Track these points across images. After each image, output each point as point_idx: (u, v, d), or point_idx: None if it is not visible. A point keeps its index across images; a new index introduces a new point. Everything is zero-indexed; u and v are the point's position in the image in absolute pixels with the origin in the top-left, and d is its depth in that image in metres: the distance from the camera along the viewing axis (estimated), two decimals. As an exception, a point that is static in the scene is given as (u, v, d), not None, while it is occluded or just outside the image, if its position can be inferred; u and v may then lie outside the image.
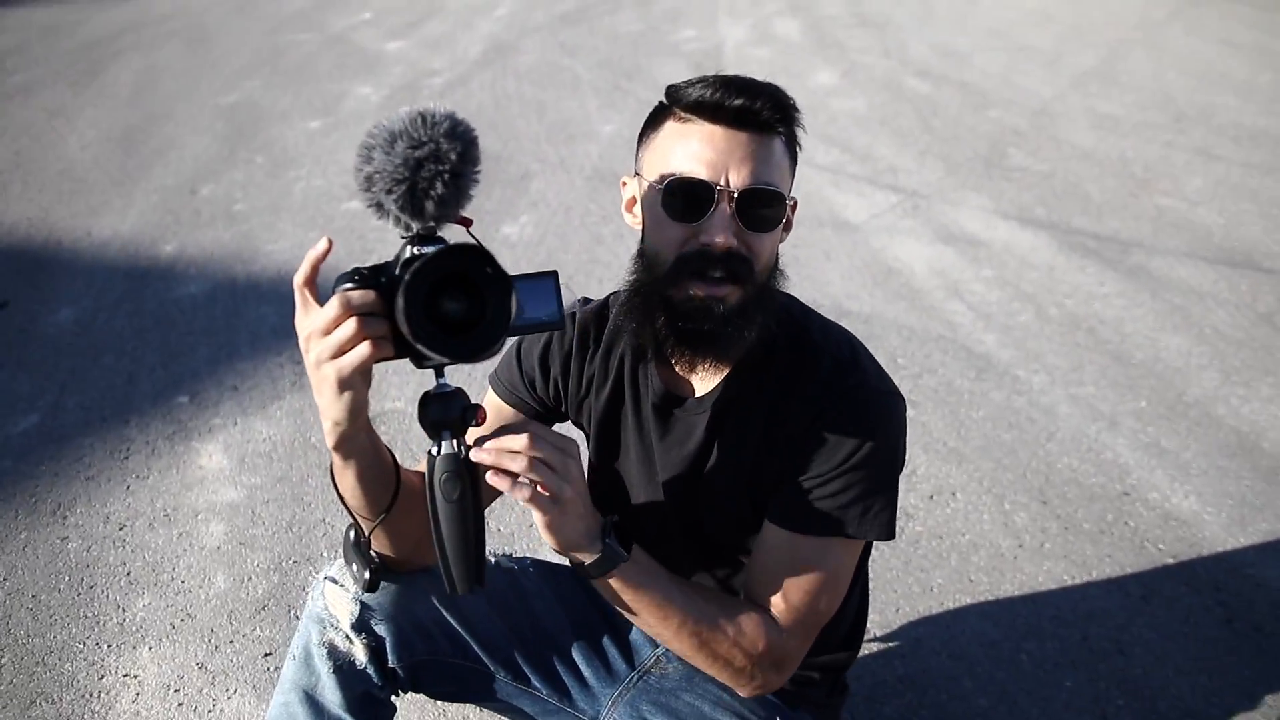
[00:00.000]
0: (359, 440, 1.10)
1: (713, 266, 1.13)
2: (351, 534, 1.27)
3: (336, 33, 7.04)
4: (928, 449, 2.54)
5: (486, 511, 1.11)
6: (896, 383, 1.25)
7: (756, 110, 1.12)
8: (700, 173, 1.12)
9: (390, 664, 1.31)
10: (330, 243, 0.99)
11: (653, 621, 1.17)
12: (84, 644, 2.02)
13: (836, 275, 3.44)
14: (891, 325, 3.11)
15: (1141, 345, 2.98)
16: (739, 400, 1.26)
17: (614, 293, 1.37)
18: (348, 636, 1.29)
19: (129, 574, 2.20)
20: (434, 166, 0.93)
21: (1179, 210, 3.89)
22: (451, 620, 1.36)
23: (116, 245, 3.80)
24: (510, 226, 3.85)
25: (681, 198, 1.13)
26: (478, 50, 6.47)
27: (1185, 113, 5.04)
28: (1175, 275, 3.38)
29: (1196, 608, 2.04)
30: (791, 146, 1.20)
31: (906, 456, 1.29)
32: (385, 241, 3.59)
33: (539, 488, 1.03)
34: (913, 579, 2.13)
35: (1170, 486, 2.38)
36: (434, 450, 1.02)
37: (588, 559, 1.10)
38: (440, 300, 0.93)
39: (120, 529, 2.34)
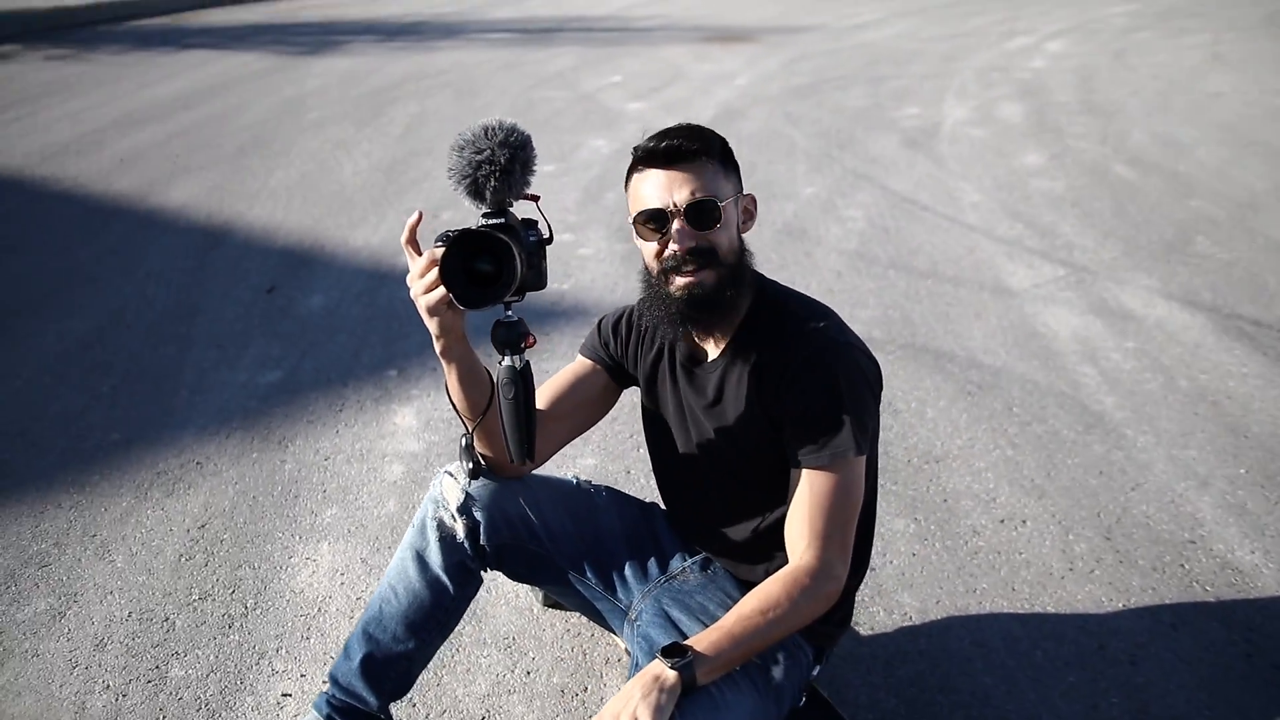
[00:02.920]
0: (456, 351, 1.57)
1: (684, 263, 1.57)
2: (463, 440, 1.75)
3: (586, 92, 7.82)
4: (1014, 483, 2.78)
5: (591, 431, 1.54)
6: (1003, 429, 1.60)
7: (679, 149, 1.55)
8: (655, 203, 1.57)
9: (481, 542, 1.77)
10: (420, 214, 1.49)
11: (751, 651, 1.53)
12: (282, 534, 2.61)
13: (980, 333, 3.68)
14: (1017, 379, 3.34)
15: (1263, 422, 3.07)
16: (738, 360, 1.66)
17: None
18: (453, 516, 1.77)
19: (324, 491, 2.79)
20: (488, 168, 1.39)
21: (1356, 306, 3.88)
22: (532, 517, 1.82)
23: (366, 253, 4.55)
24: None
25: (648, 223, 1.58)
26: (709, 114, 7.04)
27: (1405, 217, 4.90)
28: (1326, 364, 3.42)
29: (1221, 640, 2.20)
30: (725, 160, 1.62)
31: (879, 389, 1.65)
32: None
33: None
34: (960, 581, 2.39)
35: (1239, 542, 2.52)
36: (500, 363, 1.48)
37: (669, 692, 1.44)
38: (476, 263, 1.37)
39: (325, 459, 2.94)
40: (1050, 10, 12.55)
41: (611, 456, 2.93)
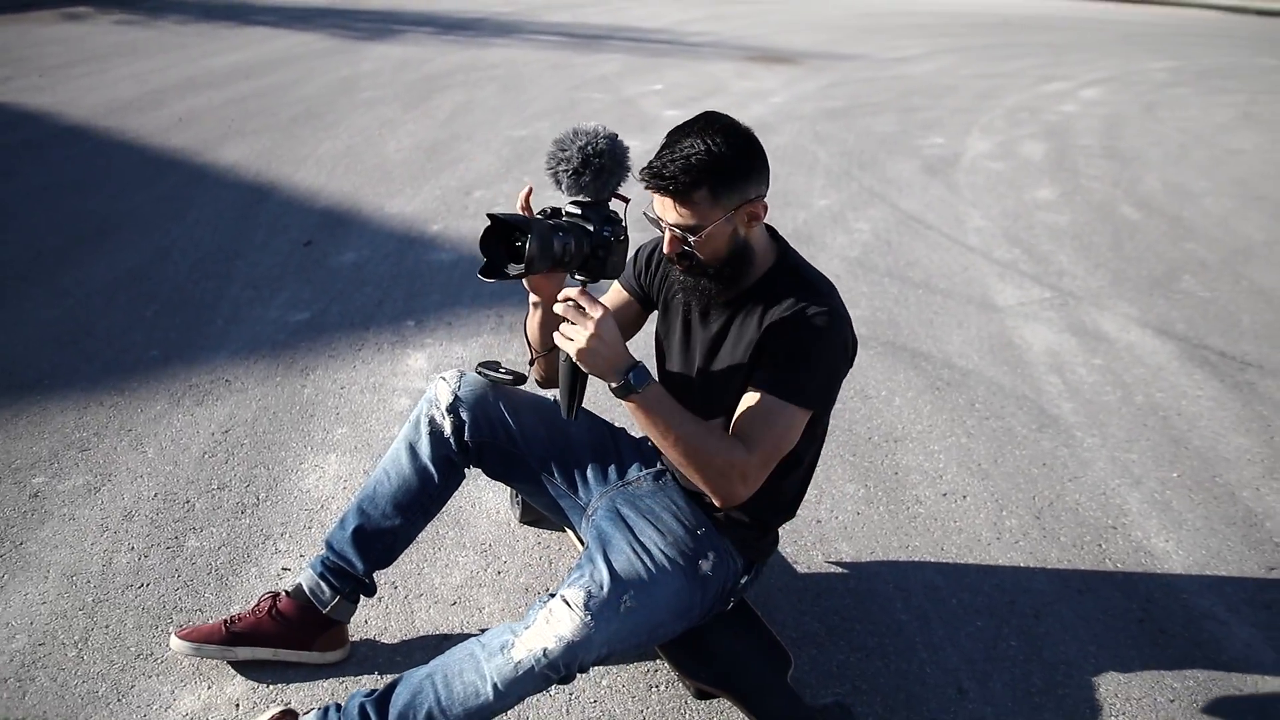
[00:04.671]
0: (541, 300, 1.86)
1: (674, 261, 1.84)
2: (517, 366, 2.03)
3: (627, 97, 8.14)
4: (961, 465, 3.03)
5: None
6: (962, 421, 1.86)
7: (667, 185, 1.72)
8: (654, 211, 1.78)
9: (465, 438, 2.06)
10: (531, 187, 1.77)
11: (655, 435, 1.77)
12: (296, 444, 2.91)
13: (959, 339, 3.94)
14: (984, 380, 3.59)
15: (1205, 437, 3.31)
16: (745, 307, 1.90)
17: None
18: (443, 414, 2.06)
19: (337, 413, 3.09)
20: (562, 167, 1.67)
21: (1321, 349, 4.10)
22: (510, 421, 2.11)
23: (399, 219, 4.87)
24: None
25: (653, 223, 1.81)
26: (739, 127, 7.32)
27: (1391, 276, 5.11)
28: (1278, 397, 3.65)
29: (1120, 606, 2.45)
30: (718, 186, 1.73)
31: (848, 366, 1.88)
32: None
33: (567, 327, 1.68)
34: (896, 539, 2.66)
35: (1157, 531, 2.77)
36: None
37: (612, 384, 1.72)
38: (516, 241, 1.62)
39: (341, 388, 3.24)
40: (1094, 60, 12.77)
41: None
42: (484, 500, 2.67)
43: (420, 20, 11.88)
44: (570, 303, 1.65)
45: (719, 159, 1.70)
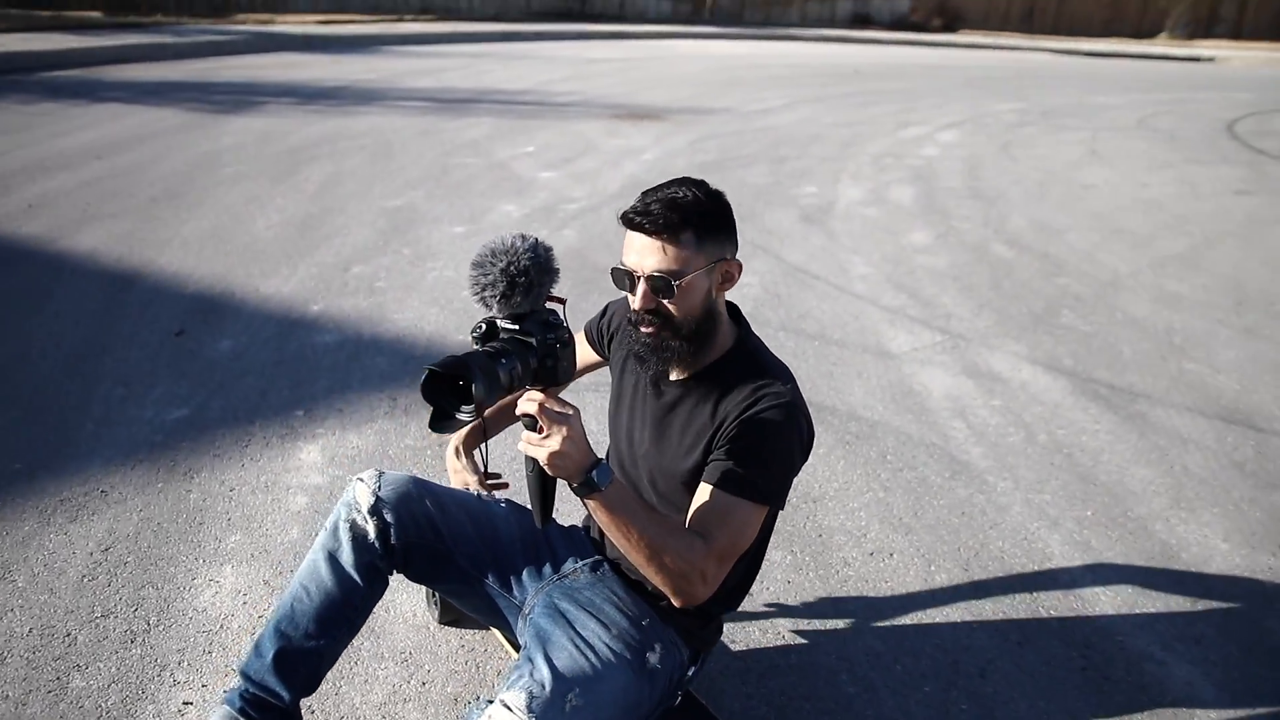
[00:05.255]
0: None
1: (643, 321, 1.74)
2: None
3: (499, 160, 8.06)
4: (884, 521, 3.00)
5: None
6: (876, 475, 1.78)
7: (649, 224, 1.67)
8: (628, 262, 1.72)
9: (392, 542, 1.91)
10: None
11: (616, 535, 1.66)
12: (186, 557, 2.68)
13: (861, 390, 3.94)
14: (892, 431, 3.59)
15: (1110, 472, 3.36)
16: (701, 388, 1.82)
17: None
18: (365, 518, 1.90)
19: (229, 519, 2.87)
20: (488, 293, 1.54)
21: (1199, 374, 4.25)
22: (437, 518, 1.97)
23: (276, 301, 4.65)
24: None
25: (621, 279, 1.74)
26: (616, 185, 7.33)
27: (1249, 297, 5.37)
28: (1169, 424, 3.75)
29: (1060, 656, 2.42)
30: (703, 232, 1.70)
31: (804, 459, 1.82)
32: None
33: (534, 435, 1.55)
34: (830, 605, 2.59)
35: (1081, 573, 2.77)
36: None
37: (575, 484, 1.59)
38: (459, 382, 1.47)
39: (230, 490, 3.02)
40: (944, 104, 13.30)
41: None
42: (398, 604, 2.50)
43: (280, 91, 11.60)
44: (539, 409, 1.53)
45: (703, 204, 1.69)
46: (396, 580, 2.01)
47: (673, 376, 1.87)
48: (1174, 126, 12.12)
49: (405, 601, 2.51)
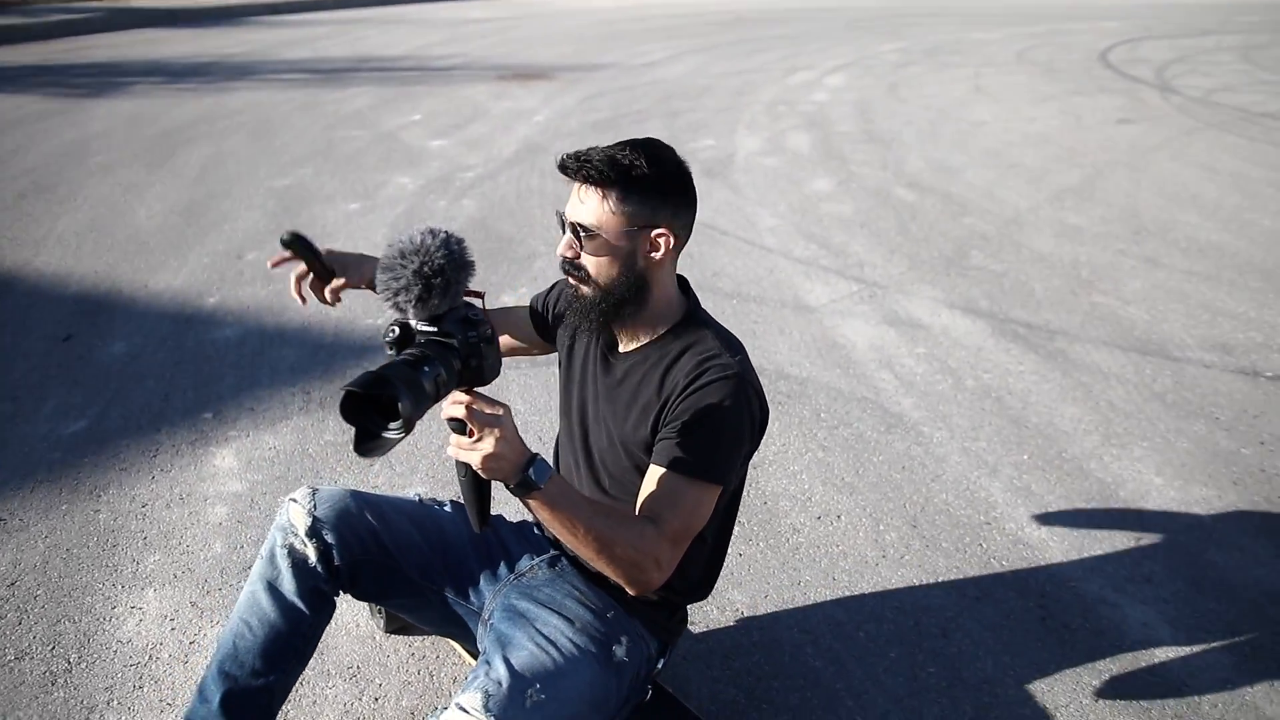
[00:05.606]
0: None
1: (566, 270, 1.67)
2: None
3: (386, 131, 7.78)
4: (826, 482, 2.96)
5: (418, 460, 1.55)
6: (813, 434, 1.70)
7: (583, 170, 1.58)
8: (564, 208, 1.64)
9: (336, 563, 1.77)
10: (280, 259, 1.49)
11: (562, 531, 1.55)
12: (103, 584, 2.50)
13: (785, 347, 3.89)
14: (822, 388, 3.55)
15: (1040, 413, 3.38)
16: (649, 360, 1.72)
17: None
18: (303, 541, 1.76)
19: (145, 539, 2.69)
20: (402, 298, 1.39)
21: (1111, 307, 4.32)
22: (380, 531, 1.84)
23: (168, 296, 4.39)
24: (509, 296, 4.38)
25: (559, 221, 1.65)
26: (511, 150, 7.14)
27: (1146, 226, 5.48)
28: (1089, 359, 3.79)
29: (1019, 608, 2.42)
30: (630, 193, 1.61)
31: (758, 438, 1.73)
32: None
33: (464, 439, 1.43)
34: (785, 575, 2.54)
35: (1027, 520, 2.78)
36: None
37: (510, 484, 1.48)
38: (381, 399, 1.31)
39: (143, 506, 2.83)
40: (829, 48, 13.32)
41: (439, 484, 2.94)
42: (340, 615, 2.36)
43: (146, 70, 11.00)
44: (467, 412, 1.41)
45: (639, 168, 1.59)
46: (341, 596, 1.87)
47: (621, 349, 1.78)
48: (1051, 58, 12.36)
49: (347, 612, 2.38)
